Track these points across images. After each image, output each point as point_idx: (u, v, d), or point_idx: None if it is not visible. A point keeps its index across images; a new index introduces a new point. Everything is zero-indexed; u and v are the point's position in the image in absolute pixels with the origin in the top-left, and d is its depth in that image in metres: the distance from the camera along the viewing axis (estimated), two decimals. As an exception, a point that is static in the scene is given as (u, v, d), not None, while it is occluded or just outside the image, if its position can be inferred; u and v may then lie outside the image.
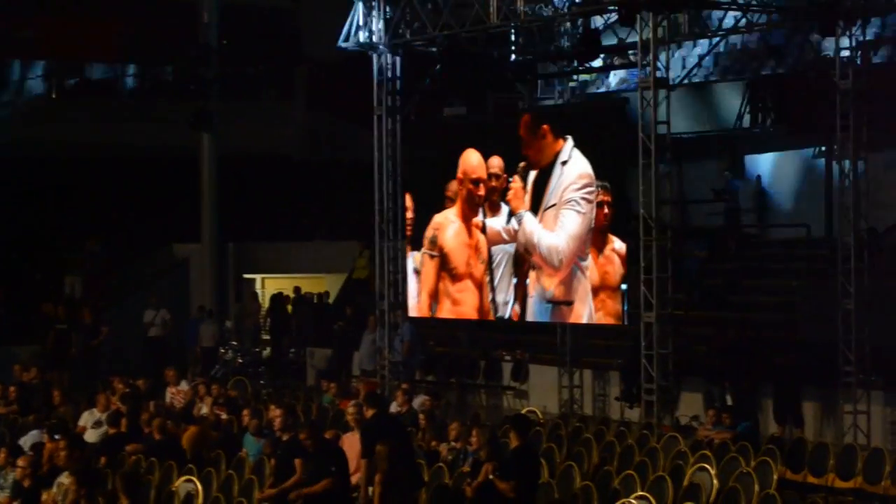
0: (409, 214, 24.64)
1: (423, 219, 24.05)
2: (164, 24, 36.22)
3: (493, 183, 23.10)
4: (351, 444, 15.76)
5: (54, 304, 29.23)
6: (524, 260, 22.77)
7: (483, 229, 23.45)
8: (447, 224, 24.07)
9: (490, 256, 23.48)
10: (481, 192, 23.46)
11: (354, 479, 15.46)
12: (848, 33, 19.82)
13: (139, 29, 37.01)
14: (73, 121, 34.61)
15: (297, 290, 33.21)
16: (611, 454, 17.55)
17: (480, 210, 23.50)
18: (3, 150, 33.12)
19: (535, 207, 22.31)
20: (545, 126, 22.20)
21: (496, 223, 23.15)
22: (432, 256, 24.11)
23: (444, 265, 24.12)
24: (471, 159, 23.65)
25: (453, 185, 24.00)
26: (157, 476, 16.55)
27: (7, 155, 33.28)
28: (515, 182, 22.68)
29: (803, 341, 21.11)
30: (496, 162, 23.00)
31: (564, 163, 21.85)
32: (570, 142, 21.78)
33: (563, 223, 21.78)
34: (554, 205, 21.90)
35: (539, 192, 22.28)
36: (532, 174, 22.48)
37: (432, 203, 23.94)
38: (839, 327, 19.58)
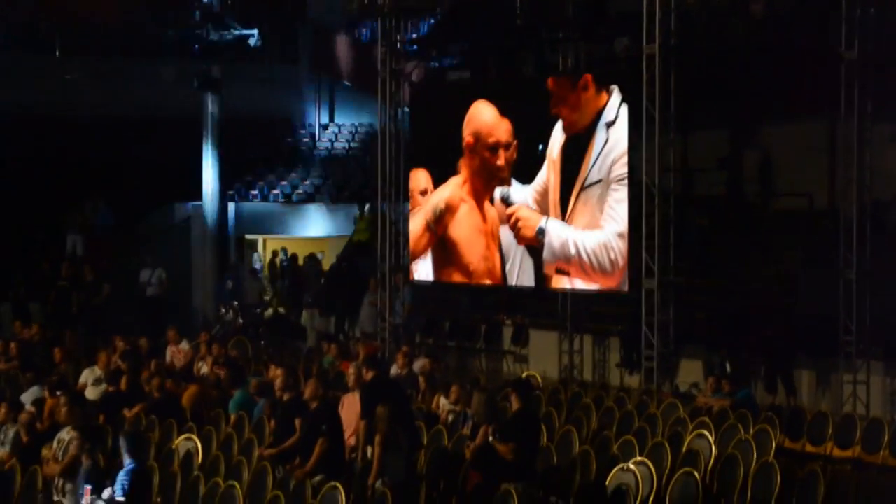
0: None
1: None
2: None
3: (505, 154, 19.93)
4: (351, 404, 15.79)
5: (56, 262, 29.27)
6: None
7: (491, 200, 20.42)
8: (457, 204, 20.42)
9: (501, 250, 19.72)
10: (500, 160, 19.87)
11: (352, 440, 15.51)
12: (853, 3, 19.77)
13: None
14: (75, 80, 34.53)
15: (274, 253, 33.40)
16: (610, 420, 17.59)
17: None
18: (5, 108, 33.05)
19: (568, 186, 18.64)
20: (587, 75, 18.62)
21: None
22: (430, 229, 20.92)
23: (453, 258, 20.54)
24: (483, 116, 20.21)
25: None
26: (157, 434, 16.62)
27: (9, 113, 33.22)
28: (521, 210, 19.02)
29: (803, 310, 21.11)
30: (504, 126, 20.34)
31: (610, 124, 18.04)
32: (616, 95, 18.09)
33: (613, 210, 18.09)
34: (599, 181, 18.23)
35: (573, 163, 18.33)
36: (558, 142, 18.68)
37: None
38: (840, 297, 19.59)
